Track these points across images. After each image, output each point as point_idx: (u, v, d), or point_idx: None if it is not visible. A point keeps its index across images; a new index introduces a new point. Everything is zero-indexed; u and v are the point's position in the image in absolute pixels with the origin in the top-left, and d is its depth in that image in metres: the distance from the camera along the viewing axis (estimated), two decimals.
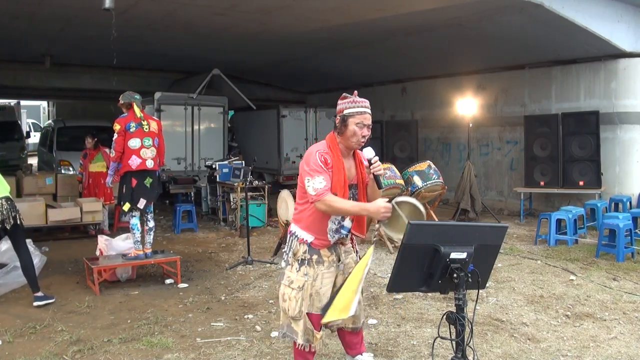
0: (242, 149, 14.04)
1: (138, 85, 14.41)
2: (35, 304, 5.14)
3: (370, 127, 3.23)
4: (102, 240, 6.23)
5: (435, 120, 12.20)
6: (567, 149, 9.24)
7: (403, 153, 11.30)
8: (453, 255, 2.64)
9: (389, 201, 3.00)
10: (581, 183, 9.07)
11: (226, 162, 9.82)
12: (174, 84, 14.46)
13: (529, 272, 6.29)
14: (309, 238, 3.23)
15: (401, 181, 7.58)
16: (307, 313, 3.22)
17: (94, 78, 14.21)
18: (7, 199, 5.11)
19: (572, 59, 9.53)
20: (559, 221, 7.78)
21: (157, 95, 11.10)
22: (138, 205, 5.80)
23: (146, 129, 5.82)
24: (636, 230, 7.55)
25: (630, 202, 8.87)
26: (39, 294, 5.21)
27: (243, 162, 9.91)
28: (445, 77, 11.82)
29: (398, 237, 3.12)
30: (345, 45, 10.46)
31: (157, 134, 5.95)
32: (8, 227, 5.04)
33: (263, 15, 8.25)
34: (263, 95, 15.68)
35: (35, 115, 30.06)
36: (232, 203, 9.20)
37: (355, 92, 3.27)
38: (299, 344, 3.27)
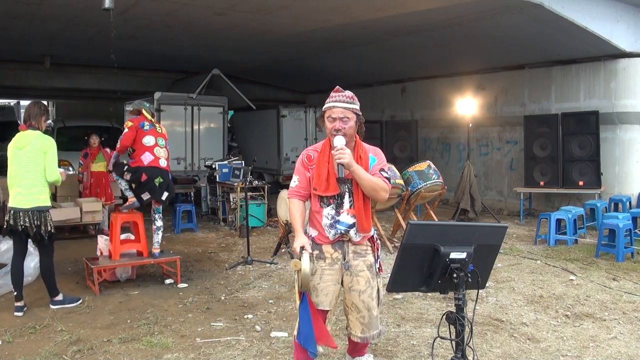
0: (242, 149, 14.04)
1: (138, 85, 14.46)
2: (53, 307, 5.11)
3: (347, 120, 3.10)
4: (102, 240, 6.23)
5: (435, 120, 12.20)
6: (567, 149, 9.24)
7: (403, 153, 11.31)
8: (453, 255, 2.64)
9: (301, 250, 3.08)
10: (581, 183, 9.07)
11: (226, 162, 9.83)
12: (174, 84, 14.46)
13: (529, 272, 6.29)
14: (313, 233, 3.27)
15: (401, 181, 7.58)
16: None
17: (94, 78, 14.23)
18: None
19: (572, 59, 9.54)
20: (558, 221, 7.78)
21: (157, 95, 11.10)
22: (142, 196, 5.65)
23: (159, 130, 5.87)
24: (636, 230, 7.56)
25: (630, 202, 8.88)
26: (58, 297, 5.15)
27: (243, 162, 9.91)
28: (445, 77, 11.83)
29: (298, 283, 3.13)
30: (345, 45, 10.46)
31: (167, 139, 5.97)
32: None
33: (263, 15, 8.25)
34: (263, 95, 15.69)
35: None
36: (231, 203, 9.20)
37: (337, 87, 3.24)
38: (292, 335, 3.33)
